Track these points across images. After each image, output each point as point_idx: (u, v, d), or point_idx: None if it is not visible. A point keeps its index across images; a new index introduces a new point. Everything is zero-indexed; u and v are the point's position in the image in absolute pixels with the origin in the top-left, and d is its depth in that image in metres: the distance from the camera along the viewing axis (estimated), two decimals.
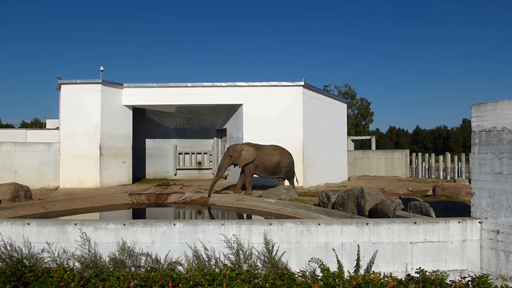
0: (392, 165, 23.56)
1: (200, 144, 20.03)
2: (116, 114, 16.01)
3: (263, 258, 5.02)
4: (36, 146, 15.46)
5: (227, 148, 13.42)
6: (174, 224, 5.15)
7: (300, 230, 5.13)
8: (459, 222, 5.23)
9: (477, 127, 5.27)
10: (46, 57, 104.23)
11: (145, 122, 19.18)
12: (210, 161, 19.92)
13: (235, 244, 5.04)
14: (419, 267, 4.83)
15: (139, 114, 18.12)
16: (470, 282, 4.74)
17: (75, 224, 5.14)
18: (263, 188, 13.47)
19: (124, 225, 5.14)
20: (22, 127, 45.44)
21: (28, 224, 5.16)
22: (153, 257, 5.04)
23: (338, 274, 4.70)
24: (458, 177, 20.19)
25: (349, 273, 4.86)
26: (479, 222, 5.21)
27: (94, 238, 5.09)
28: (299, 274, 4.75)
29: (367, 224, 5.16)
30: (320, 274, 4.80)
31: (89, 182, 15.06)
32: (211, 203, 11.71)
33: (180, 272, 4.81)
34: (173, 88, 16.46)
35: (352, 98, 45.69)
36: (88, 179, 15.11)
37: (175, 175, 19.42)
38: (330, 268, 4.79)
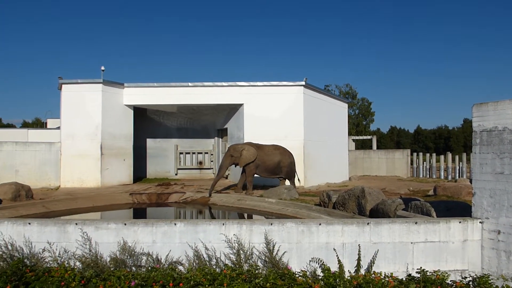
0: (393, 165, 23.56)
1: (201, 144, 20.04)
2: (117, 114, 16.04)
3: (264, 258, 5.01)
4: (37, 146, 15.50)
5: (228, 148, 13.43)
6: (175, 224, 5.14)
7: (301, 230, 5.13)
8: (460, 222, 5.22)
9: (478, 127, 5.26)
10: (47, 57, 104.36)
11: (146, 122, 19.20)
12: (211, 161, 19.92)
13: (236, 244, 5.03)
14: (420, 267, 4.82)
15: (140, 114, 18.14)
16: (471, 282, 4.73)
17: (76, 224, 5.14)
18: (264, 188, 13.47)
19: (125, 225, 5.14)
20: (23, 127, 45.64)
21: (29, 224, 5.16)
22: (154, 257, 5.04)
23: (339, 274, 4.69)
24: (459, 177, 20.15)
25: (350, 273, 4.86)
26: (480, 222, 5.20)
27: (95, 238, 5.09)
28: (300, 274, 4.74)
29: (368, 224, 5.15)
30: (321, 274, 4.79)
31: (90, 182, 15.09)
32: (212, 203, 11.71)
33: (181, 272, 4.81)
34: (174, 88, 16.48)
35: (353, 98, 45.72)
36: (89, 179, 15.14)
37: (176, 175, 19.43)
38: (331, 268, 4.78)
